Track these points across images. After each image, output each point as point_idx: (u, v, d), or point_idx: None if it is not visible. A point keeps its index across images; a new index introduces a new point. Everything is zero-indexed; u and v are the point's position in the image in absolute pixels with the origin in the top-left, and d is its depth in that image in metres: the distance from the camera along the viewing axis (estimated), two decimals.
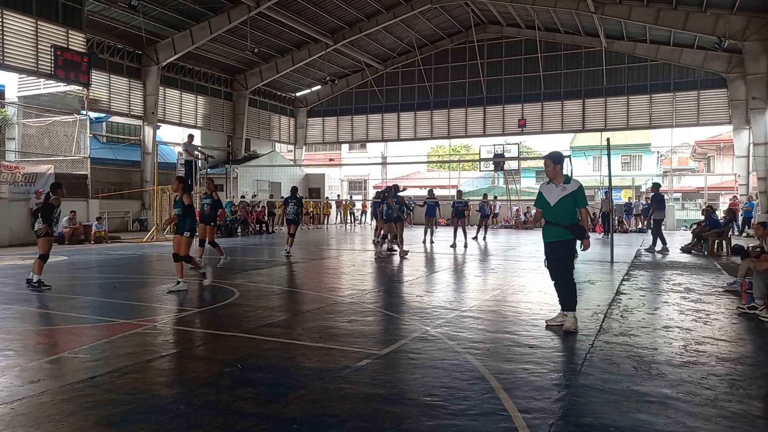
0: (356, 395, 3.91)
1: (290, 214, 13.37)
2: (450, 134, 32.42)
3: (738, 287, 7.79)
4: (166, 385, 4.16)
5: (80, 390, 3.99)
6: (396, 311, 6.91)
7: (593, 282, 9.25)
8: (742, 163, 24.53)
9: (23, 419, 3.50)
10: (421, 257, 13.66)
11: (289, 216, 13.48)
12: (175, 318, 6.48)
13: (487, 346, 5.24)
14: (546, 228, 5.93)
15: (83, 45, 19.22)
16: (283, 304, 7.57)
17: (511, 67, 29.81)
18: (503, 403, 3.78)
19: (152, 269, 11.39)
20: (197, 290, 8.59)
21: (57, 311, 6.80)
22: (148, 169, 24.28)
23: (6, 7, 16.97)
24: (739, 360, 4.85)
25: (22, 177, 17.25)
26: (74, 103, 20.87)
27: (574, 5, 22.98)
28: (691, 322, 6.25)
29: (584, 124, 28.86)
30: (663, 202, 15.43)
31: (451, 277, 10.31)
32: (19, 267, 11.27)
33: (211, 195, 11.05)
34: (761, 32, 20.94)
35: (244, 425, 3.40)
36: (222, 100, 29.63)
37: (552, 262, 5.92)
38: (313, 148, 40.79)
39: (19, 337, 5.55)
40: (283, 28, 25.81)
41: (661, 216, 15.09)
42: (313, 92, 34.62)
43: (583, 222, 5.96)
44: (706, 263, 12.28)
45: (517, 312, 6.84)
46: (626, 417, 3.56)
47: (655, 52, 26.27)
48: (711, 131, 36.51)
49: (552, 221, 5.86)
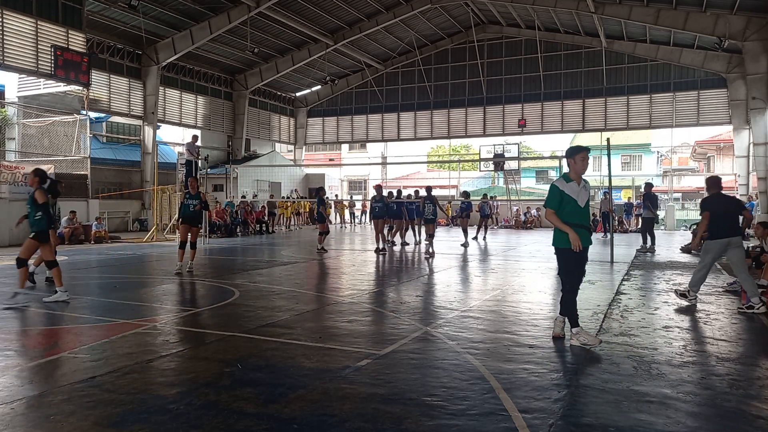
0: (356, 395, 3.91)
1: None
2: (450, 134, 32.43)
3: (738, 287, 7.80)
4: (166, 385, 4.16)
5: (80, 390, 3.99)
6: (396, 311, 6.91)
7: (593, 282, 9.25)
8: (742, 163, 24.53)
9: (23, 419, 3.50)
10: (421, 257, 13.66)
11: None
12: (175, 318, 6.48)
13: (487, 346, 5.24)
14: (578, 232, 5.20)
15: (83, 45, 19.22)
16: (283, 304, 7.57)
17: (511, 67, 29.81)
18: (503, 403, 3.78)
19: (152, 269, 11.38)
20: (197, 290, 8.59)
21: (57, 311, 6.80)
22: (148, 169, 24.29)
23: (6, 7, 16.97)
24: (739, 360, 4.85)
25: (22, 177, 17.24)
26: (74, 103, 20.87)
27: (574, 5, 22.98)
28: (691, 322, 6.25)
29: (584, 124, 28.86)
30: (655, 201, 15.43)
31: (451, 277, 10.31)
32: None
33: (198, 195, 10.67)
34: (761, 32, 20.94)
35: (244, 425, 3.41)
36: (222, 100, 29.63)
37: (582, 267, 5.42)
38: (313, 148, 40.79)
39: (19, 337, 5.55)
40: (283, 28, 25.81)
41: (649, 215, 15.08)
42: (313, 92, 34.62)
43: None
44: None
45: (517, 312, 6.84)
46: (626, 417, 3.56)
47: (655, 52, 26.27)
48: (711, 131, 36.49)
49: (580, 223, 5.28)
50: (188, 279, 9.74)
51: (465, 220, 17.19)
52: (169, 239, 18.62)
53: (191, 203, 10.52)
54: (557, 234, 5.35)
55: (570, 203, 5.29)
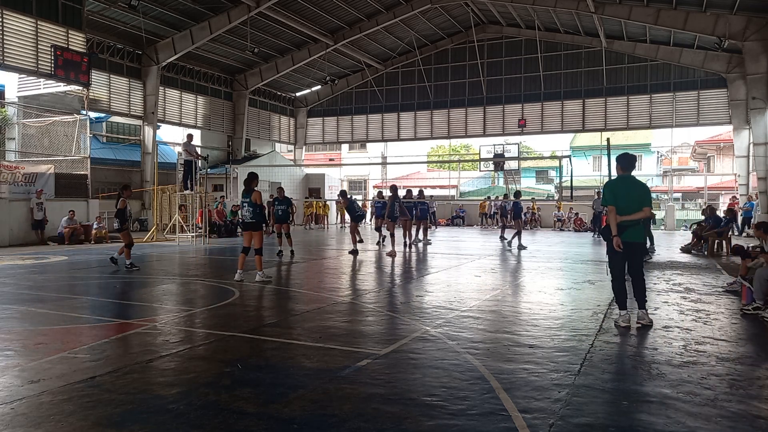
0: (356, 395, 3.91)
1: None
2: (450, 134, 32.42)
3: (738, 287, 7.79)
4: (166, 385, 4.16)
5: (80, 390, 3.99)
6: (396, 311, 6.91)
7: (593, 282, 9.25)
8: (742, 163, 24.52)
9: (23, 419, 3.50)
10: (421, 257, 13.66)
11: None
12: (175, 318, 6.47)
13: (487, 346, 5.24)
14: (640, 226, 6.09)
15: (83, 45, 19.21)
16: (283, 304, 7.57)
17: (511, 67, 29.81)
18: (503, 403, 3.78)
19: (152, 269, 11.37)
20: (197, 290, 8.59)
21: (57, 311, 6.79)
22: (148, 169, 24.29)
23: (6, 7, 16.96)
24: (739, 360, 4.85)
25: (22, 177, 17.25)
26: (74, 103, 20.86)
27: (574, 5, 22.98)
28: (691, 322, 6.25)
29: (584, 124, 28.85)
30: None
31: (451, 277, 10.31)
32: (19, 267, 11.27)
33: (287, 200, 13.78)
34: (761, 32, 20.94)
35: (244, 425, 3.41)
36: (222, 100, 29.63)
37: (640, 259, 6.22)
38: (313, 148, 40.78)
39: (19, 337, 5.55)
40: (283, 28, 25.81)
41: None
42: (313, 92, 34.62)
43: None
44: (706, 263, 12.29)
45: (517, 312, 6.85)
46: (626, 417, 3.57)
47: (655, 52, 26.27)
48: (711, 131, 36.51)
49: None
50: (188, 279, 9.73)
51: (519, 221, 16.72)
52: (169, 239, 18.62)
53: (280, 208, 12.79)
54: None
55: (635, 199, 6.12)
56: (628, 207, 5.94)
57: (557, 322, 6.22)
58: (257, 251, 9.23)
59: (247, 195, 9.28)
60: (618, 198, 5.98)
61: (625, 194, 6.00)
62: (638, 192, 6.04)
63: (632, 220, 5.95)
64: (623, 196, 5.98)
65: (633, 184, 6.09)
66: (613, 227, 5.91)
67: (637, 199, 5.98)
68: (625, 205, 5.94)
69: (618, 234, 5.89)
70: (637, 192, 6.03)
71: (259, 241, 9.25)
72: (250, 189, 9.32)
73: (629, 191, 6.03)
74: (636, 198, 5.99)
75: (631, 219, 5.94)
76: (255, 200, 9.15)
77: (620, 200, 5.96)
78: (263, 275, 9.18)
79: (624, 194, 5.99)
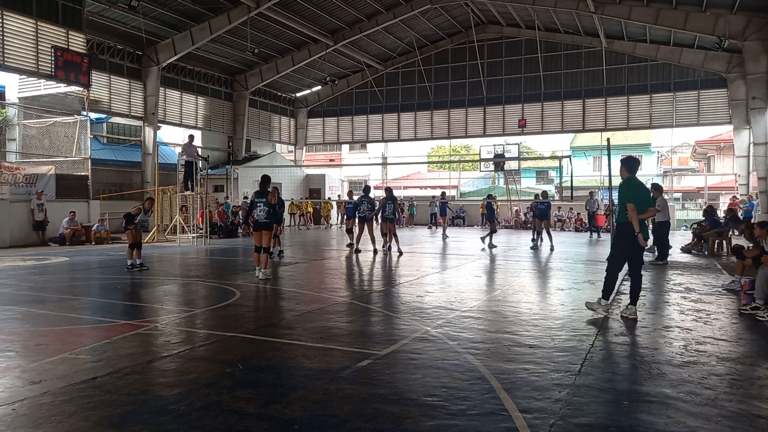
0: (357, 395, 3.91)
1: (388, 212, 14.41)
2: (450, 134, 32.41)
3: (738, 287, 7.79)
4: (167, 386, 4.17)
5: (81, 391, 4.00)
6: (396, 311, 6.92)
7: (593, 282, 9.25)
8: (742, 163, 24.51)
9: (24, 420, 3.51)
10: (421, 257, 13.67)
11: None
12: (176, 319, 6.48)
13: (487, 346, 5.24)
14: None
15: (83, 46, 19.22)
16: (283, 305, 7.58)
17: (511, 67, 29.80)
18: (503, 403, 3.79)
19: (153, 270, 11.38)
20: (198, 291, 8.60)
21: (58, 312, 6.80)
22: (148, 170, 24.30)
23: (6, 7, 16.97)
24: (740, 360, 4.86)
25: (22, 178, 17.26)
26: (75, 104, 20.86)
27: (574, 5, 22.98)
28: (692, 322, 6.25)
29: (584, 124, 28.84)
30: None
31: (451, 277, 10.32)
32: (19, 268, 11.28)
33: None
34: (761, 32, 20.93)
35: (245, 426, 3.41)
36: (222, 101, 29.63)
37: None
38: (314, 149, 40.77)
39: (20, 338, 5.56)
40: (283, 28, 25.81)
41: (663, 218, 15.00)
42: (313, 93, 34.62)
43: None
44: (706, 263, 12.29)
45: (517, 312, 6.85)
46: (626, 417, 3.57)
47: (655, 52, 26.26)
48: (711, 131, 36.48)
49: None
50: (189, 280, 9.74)
51: (539, 221, 16.38)
52: (170, 240, 18.63)
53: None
54: None
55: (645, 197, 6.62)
56: (639, 207, 6.30)
57: (557, 322, 6.23)
58: (265, 250, 9.62)
59: (263, 196, 9.66)
60: (637, 198, 6.36)
61: (640, 195, 6.44)
62: (644, 193, 6.50)
63: (641, 219, 6.35)
64: (641, 197, 6.42)
65: (639, 186, 6.51)
66: (636, 224, 6.21)
67: (643, 200, 6.41)
68: (638, 205, 6.32)
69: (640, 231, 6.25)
70: (643, 193, 6.47)
71: (269, 241, 9.79)
72: (266, 190, 9.77)
73: (638, 192, 6.47)
74: (643, 199, 6.42)
75: (641, 218, 6.35)
76: (271, 201, 9.68)
77: (638, 200, 6.37)
78: (266, 273, 9.59)
79: (639, 195, 6.43)
